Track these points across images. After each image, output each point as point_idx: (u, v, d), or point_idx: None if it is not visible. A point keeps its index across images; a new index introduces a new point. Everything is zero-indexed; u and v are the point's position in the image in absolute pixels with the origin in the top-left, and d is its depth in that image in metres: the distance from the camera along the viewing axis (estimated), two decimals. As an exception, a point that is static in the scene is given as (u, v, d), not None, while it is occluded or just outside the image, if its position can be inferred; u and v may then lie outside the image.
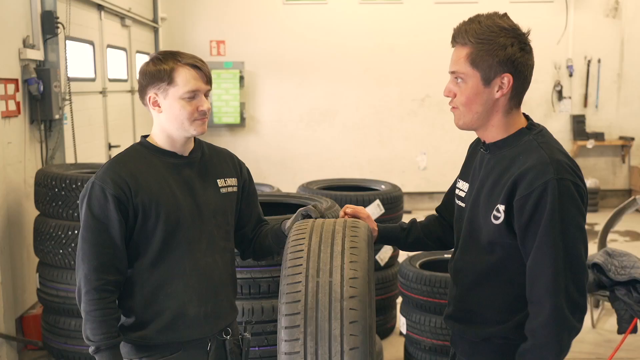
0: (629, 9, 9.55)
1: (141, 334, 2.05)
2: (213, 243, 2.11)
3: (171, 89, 1.99)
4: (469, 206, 1.95)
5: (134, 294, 2.06)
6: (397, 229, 2.29)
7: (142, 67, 2.06)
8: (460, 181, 2.08)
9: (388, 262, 4.72)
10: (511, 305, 1.87)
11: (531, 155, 1.79)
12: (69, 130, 5.48)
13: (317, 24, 9.47)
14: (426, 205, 9.77)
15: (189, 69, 2.00)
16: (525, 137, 1.86)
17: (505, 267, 1.85)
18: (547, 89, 9.52)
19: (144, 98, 2.07)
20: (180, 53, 2.04)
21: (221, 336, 2.14)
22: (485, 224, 1.85)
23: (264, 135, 9.72)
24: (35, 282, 4.53)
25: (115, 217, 1.97)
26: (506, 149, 1.87)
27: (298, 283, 1.70)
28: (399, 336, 4.75)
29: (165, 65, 1.99)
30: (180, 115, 2.00)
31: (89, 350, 2.02)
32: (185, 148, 2.10)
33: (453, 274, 2.04)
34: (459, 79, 1.85)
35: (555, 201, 1.70)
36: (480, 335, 1.93)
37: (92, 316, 1.99)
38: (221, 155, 2.24)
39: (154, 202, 2.00)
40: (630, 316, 3.91)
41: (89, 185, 2.01)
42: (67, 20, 5.39)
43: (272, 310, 2.84)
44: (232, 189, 2.19)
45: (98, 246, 1.99)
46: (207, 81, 2.05)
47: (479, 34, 1.81)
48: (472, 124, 1.89)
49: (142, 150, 2.09)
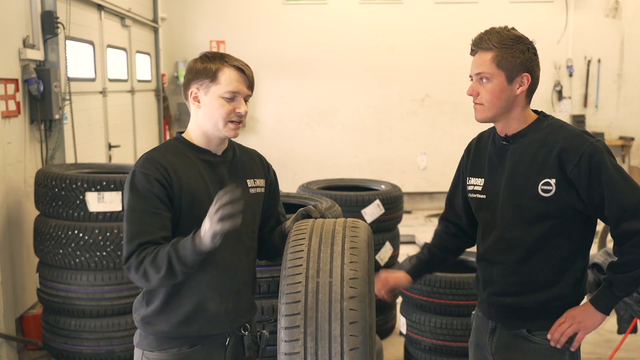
0: (629, 9, 9.55)
1: (162, 325, 2.06)
2: (240, 242, 2.11)
3: (213, 87, 2.03)
4: (503, 192, 2.19)
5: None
6: (423, 266, 2.56)
7: (189, 63, 2.10)
8: (472, 178, 2.32)
9: (388, 262, 4.72)
10: (562, 266, 2.16)
11: (560, 133, 2.13)
12: (69, 130, 5.48)
13: (317, 24, 9.48)
14: (426, 205, 9.77)
15: (233, 70, 2.04)
16: (544, 122, 2.19)
17: (556, 234, 2.14)
18: (547, 89, 9.53)
19: (186, 92, 2.10)
20: (229, 55, 2.08)
21: (240, 332, 2.16)
22: (531, 200, 2.12)
23: (264, 135, 9.72)
24: (35, 282, 4.54)
25: (162, 198, 1.96)
26: (530, 135, 2.17)
27: (298, 283, 1.70)
28: (399, 336, 4.75)
29: (212, 64, 2.03)
30: (216, 113, 2.03)
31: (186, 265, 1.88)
32: (219, 147, 2.13)
33: (492, 256, 2.26)
34: (484, 79, 2.14)
35: (604, 157, 2.06)
36: (539, 300, 2.18)
37: (158, 259, 1.88)
38: (251, 155, 2.27)
39: (191, 195, 2.01)
40: (630, 316, 3.91)
41: (130, 175, 2.01)
42: (67, 20, 5.39)
43: (272, 310, 2.84)
44: (260, 190, 2.21)
45: (145, 214, 1.95)
46: (249, 86, 2.08)
47: (501, 40, 2.12)
48: (495, 117, 2.18)
49: (178, 145, 2.11)
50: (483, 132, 2.38)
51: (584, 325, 2.14)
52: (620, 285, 2.10)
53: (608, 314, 2.15)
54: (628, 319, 3.92)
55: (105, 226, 4.05)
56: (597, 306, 2.14)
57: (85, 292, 4.09)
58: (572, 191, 2.08)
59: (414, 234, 7.90)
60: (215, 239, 1.77)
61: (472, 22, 9.00)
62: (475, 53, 2.18)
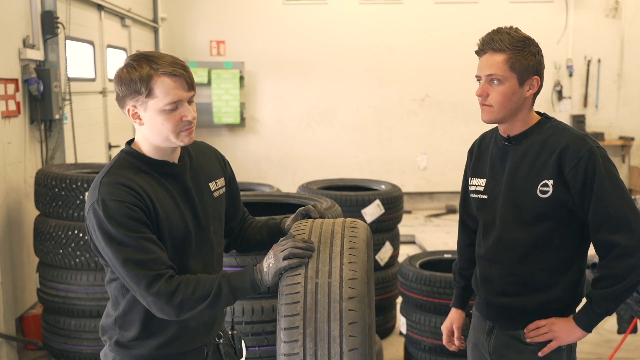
0: (629, 9, 9.54)
1: (140, 349, 1.94)
2: (212, 251, 2.03)
3: (150, 101, 1.81)
4: (503, 193, 2.20)
5: (135, 309, 1.91)
6: (462, 292, 2.55)
7: (116, 73, 1.86)
8: (474, 179, 2.34)
9: (388, 262, 4.72)
10: (560, 268, 2.16)
11: (562, 135, 2.12)
12: (69, 130, 5.48)
13: (317, 24, 9.47)
14: (426, 205, 9.77)
15: (166, 77, 1.80)
16: (547, 124, 2.19)
17: (554, 235, 2.14)
18: (547, 89, 9.51)
19: (123, 108, 1.88)
20: (156, 58, 1.83)
21: (215, 340, 2.10)
22: (530, 201, 2.13)
23: (264, 136, 9.72)
24: (35, 282, 4.54)
25: (146, 222, 1.80)
26: (532, 136, 2.17)
27: (297, 284, 1.70)
28: (399, 336, 4.75)
29: (141, 74, 1.80)
30: (163, 129, 1.83)
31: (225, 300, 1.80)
32: (174, 155, 1.96)
33: (491, 256, 2.26)
34: (496, 81, 2.12)
35: (601, 163, 2.04)
36: (537, 302, 2.18)
37: (200, 290, 1.77)
38: (206, 154, 2.11)
39: (165, 216, 1.86)
40: (630, 316, 3.91)
41: (97, 207, 1.77)
42: (67, 20, 5.39)
43: (272, 310, 2.84)
44: (222, 190, 2.10)
45: (142, 240, 1.77)
46: (188, 87, 1.85)
47: (513, 42, 2.10)
48: (503, 119, 2.17)
49: (133, 161, 1.89)
50: (486, 132, 2.39)
51: (558, 337, 2.13)
52: (599, 302, 2.07)
53: (589, 331, 2.13)
54: (628, 319, 3.92)
55: (105, 226, 4.04)
56: (577, 322, 2.12)
57: (85, 292, 4.10)
58: (568, 192, 2.08)
59: (414, 234, 7.90)
60: (277, 276, 1.74)
61: (472, 22, 9.01)
62: (484, 53, 2.15)
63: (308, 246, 1.74)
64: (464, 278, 2.52)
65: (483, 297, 2.33)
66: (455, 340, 2.54)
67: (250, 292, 1.81)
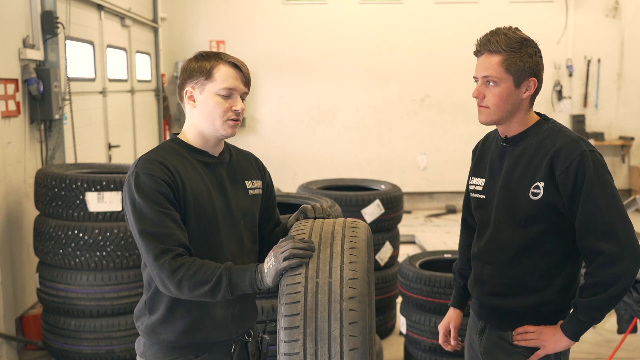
0: (629, 9, 9.55)
1: (168, 335, 2.01)
2: (242, 244, 2.08)
3: (208, 84, 1.98)
4: (498, 193, 2.21)
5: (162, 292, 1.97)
6: (461, 292, 2.53)
7: (184, 63, 2.05)
8: (474, 178, 2.35)
9: (388, 262, 4.73)
10: (551, 271, 2.14)
11: (557, 137, 2.10)
12: (69, 130, 5.48)
13: (317, 24, 9.48)
14: (426, 205, 9.77)
15: (229, 66, 1.99)
16: (544, 126, 2.17)
17: (545, 239, 2.12)
18: (547, 89, 9.52)
19: (180, 92, 2.04)
20: (224, 53, 2.04)
21: (244, 338, 2.13)
22: (523, 202, 2.12)
23: (264, 135, 9.72)
24: (35, 282, 4.54)
25: (171, 199, 1.89)
26: (529, 138, 2.16)
27: (297, 284, 1.70)
28: (399, 336, 4.75)
29: (207, 62, 1.98)
30: (213, 112, 1.98)
31: (218, 293, 1.82)
32: (216, 149, 2.07)
33: (484, 256, 2.26)
34: (492, 82, 2.12)
35: (592, 167, 2.02)
36: (527, 304, 2.17)
37: (200, 275, 1.81)
38: (247, 157, 2.22)
39: (194, 197, 1.95)
40: (630, 316, 3.91)
41: (133, 178, 1.90)
42: (67, 20, 5.39)
43: (272, 310, 2.84)
44: (258, 191, 2.18)
45: (162, 215, 1.86)
46: (245, 83, 2.03)
47: (509, 44, 2.09)
48: (499, 120, 2.17)
49: (174, 147, 2.03)
50: (489, 133, 2.39)
51: (546, 345, 2.13)
52: (584, 310, 2.06)
53: (576, 340, 2.11)
54: (628, 319, 3.92)
55: (105, 226, 4.05)
56: (564, 330, 2.11)
57: (85, 292, 4.10)
58: (559, 196, 2.06)
59: (413, 234, 7.90)
60: (278, 278, 1.75)
61: (472, 22, 9.01)
62: (481, 54, 2.15)
63: (308, 246, 1.75)
64: (463, 278, 2.52)
65: (476, 297, 2.33)
66: (451, 339, 2.53)
67: (248, 291, 1.84)
